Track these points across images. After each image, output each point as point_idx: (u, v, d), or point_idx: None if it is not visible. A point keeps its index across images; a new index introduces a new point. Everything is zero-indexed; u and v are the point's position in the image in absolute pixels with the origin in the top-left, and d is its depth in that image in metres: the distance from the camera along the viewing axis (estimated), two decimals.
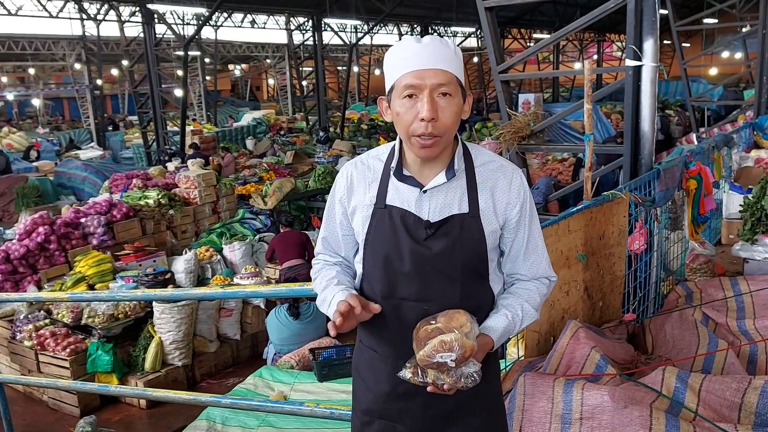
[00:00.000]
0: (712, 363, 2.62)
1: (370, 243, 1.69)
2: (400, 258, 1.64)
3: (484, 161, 1.69)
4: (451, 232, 1.63)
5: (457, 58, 1.60)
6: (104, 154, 19.26)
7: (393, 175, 1.67)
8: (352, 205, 1.72)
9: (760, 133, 7.63)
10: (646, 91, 4.24)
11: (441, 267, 1.63)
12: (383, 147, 1.77)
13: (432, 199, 1.64)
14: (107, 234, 7.68)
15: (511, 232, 1.70)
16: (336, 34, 22.05)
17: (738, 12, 12.77)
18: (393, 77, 1.59)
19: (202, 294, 3.39)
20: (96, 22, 19.14)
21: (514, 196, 1.67)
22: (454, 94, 1.57)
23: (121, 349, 6.09)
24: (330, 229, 1.82)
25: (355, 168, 1.75)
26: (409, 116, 1.55)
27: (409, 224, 1.64)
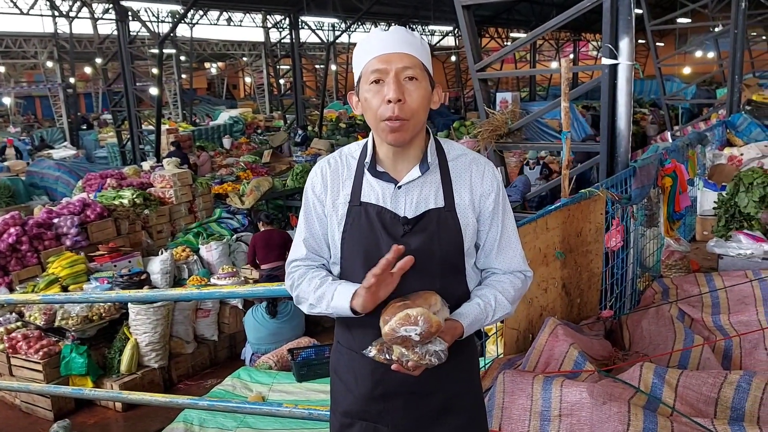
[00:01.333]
0: (689, 358, 2.65)
1: (347, 241, 1.66)
2: (378, 255, 1.59)
3: (456, 155, 1.70)
4: (428, 228, 1.62)
5: (423, 47, 1.61)
6: (78, 153, 18.93)
7: (367, 171, 1.66)
8: (329, 203, 1.70)
9: (733, 131, 7.75)
10: (622, 89, 4.27)
11: (419, 263, 1.59)
12: (356, 144, 1.76)
13: (407, 195, 1.64)
14: (81, 234, 7.55)
15: (485, 224, 1.70)
16: (313, 32, 21.96)
17: (710, 12, 12.96)
18: (360, 66, 1.60)
19: (179, 295, 3.34)
20: (68, 20, 18.84)
21: (488, 187, 1.68)
22: (420, 79, 1.57)
23: (96, 351, 6.00)
24: (311, 230, 1.75)
25: (328, 165, 1.73)
26: (376, 100, 1.55)
27: (385, 221, 1.63)
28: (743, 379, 2.04)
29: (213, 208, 9.69)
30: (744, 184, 4.06)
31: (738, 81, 8.68)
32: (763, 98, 9.53)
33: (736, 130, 7.71)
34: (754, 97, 9.66)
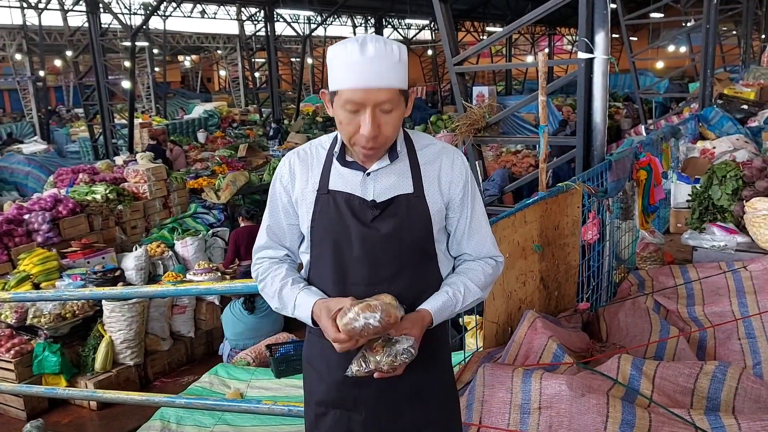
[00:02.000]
0: (665, 349, 2.68)
1: (316, 230, 1.69)
2: (348, 242, 1.65)
3: (425, 144, 1.73)
4: (397, 213, 1.65)
5: (402, 65, 1.59)
6: (49, 147, 18.59)
7: (336, 160, 1.68)
8: (296, 193, 1.72)
9: (705, 125, 7.86)
10: (597, 83, 4.31)
11: (390, 248, 1.65)
12: (325, 136, 1.78)
13: (377, 181, 1.66)
14: (53, 231, 7.40)
15: (455, 212, 1.73)
16: (289, 25, 21.78)
17: (683, 7, 13.13)
18: (336, 83, 1.58)
19: (154, 292, 3.29)
20: (37, 11, 18.44)
21: (457, 174, 1.71)
22: (396, 107, 1.58)
23: (70, 349, 5.90)
24: (275, 218, 1.79)
25: (297, 156, 1.76)
26: (351, 128, 1.57)
27: (354, 207, 1.65)
28: (718, 369, 2.07)
29: (188, 203, 9.56)
30: (717, 177, 4.12)
31: (710, 75, 8.81)
32: (734, 92, 9.70)
33: (708, 124, 7.82)
34: (725, 91, 9.83)
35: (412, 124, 20.11)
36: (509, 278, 2.89)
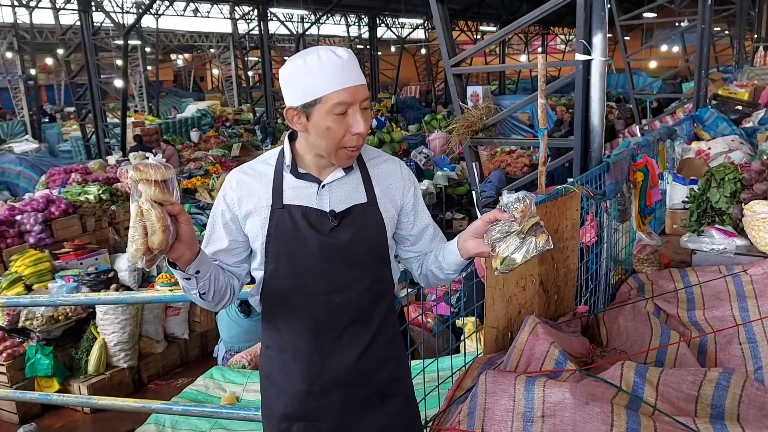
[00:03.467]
0: (665, 354, 2.66)
1: (272, 244, 1.69)
2: (307, 254, 1.67)
3: (372, 156, 1.80)
4: (354, 222, 1.70)
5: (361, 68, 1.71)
6: (40, 147, 18.46)
7: (289, 174, 1.70)
8: (244, 211, 1.71)
9: (700, 125, 7.87)
10: (595, 84, 4.28)
11: (349, 256, 1.69)
12: (268, 153, 1.80)
13: (332, 193, 1.71)
14: (45, 232, 7.33)
15: (409, 215, 1.83)
16: (282, 24, 21.70)
17: (676, 7, 13.16)
18: (316, 91, 1.59)
19: (150, 297, 3.25)
20: (29, 9, 18.29)
21: (407, 181, 1.82)
22: (368, 105, 1.66)
23: (63, 351, 5.85)
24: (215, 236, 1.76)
25: (243, 173, 1.75)
26: (340, 131, 1.60)
27: (312, 219, 1.68)
28: (722, 376, 2.06)
29: (182, 203, 9.50)
30: (716, 179, 4.11)
31: (705, 76, 8.82)
32: (728, 93, 9.72)
33: (703, 125, 7.83)
34: (719, 92, 9.85)
35: (407, 123, 20.09)
36: (509, 283, 2.86)
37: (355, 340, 1.73)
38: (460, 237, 1.70)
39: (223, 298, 1.74)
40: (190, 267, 1.56)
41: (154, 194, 1.40)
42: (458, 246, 1.71)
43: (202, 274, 1.61)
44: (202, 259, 1.59)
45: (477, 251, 1.65)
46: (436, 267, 1.80)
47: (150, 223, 1.39)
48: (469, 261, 1.73)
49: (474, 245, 1.65)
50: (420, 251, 1.88)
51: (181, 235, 1.49)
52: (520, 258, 1.55)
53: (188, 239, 1.51)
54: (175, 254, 1.51)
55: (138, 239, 1.40)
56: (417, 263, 1.89)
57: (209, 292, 1.66)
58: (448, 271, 1.77)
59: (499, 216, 1.57)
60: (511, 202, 1.54)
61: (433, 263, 1.82)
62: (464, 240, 1.68)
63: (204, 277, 1.62)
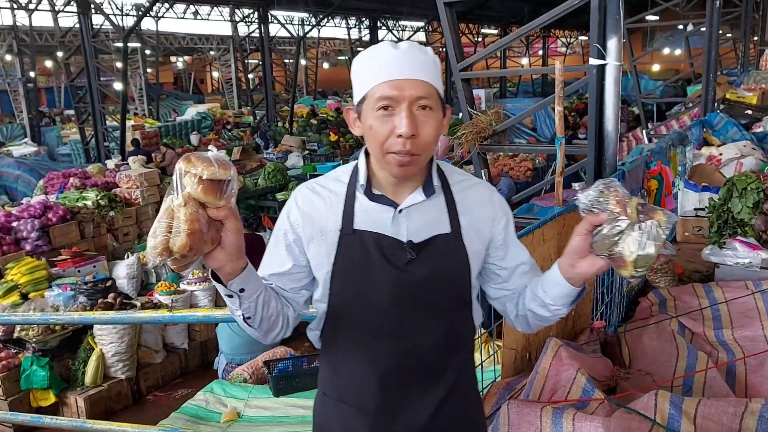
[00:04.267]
0: (693, 377, 2.52)
1: (338, 274, 1.48)
2: (377, 289, 1.45)
3: (458, 179, 1.56)
4: (434, 255, 1.46)
5: (437, 68, 1.45)
6: (39, 150, 18.33)
7: (363, 195, 1.48)
8: (309, 234, 1.50)
9: (710, 130, 7.73)
10: (609, 90, 4.13)
11: (425, 296, 1.46)
12: (341, 168, 1.58)
13: (410, 219, 1.47)
14: (42, 239, 7.18)
15: (498, 250, 1.56)
16: (283, 26, 21.57)
17: (681, 10, 13.02)
18: (365, 86, 1.41)
19: (149, 318, 3.09)
20: (28, 12, 18.15)
21: (498, 210, 1.55)
22: (434, 108, 1.41)
23: (59, 362, 5.71)
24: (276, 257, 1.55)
25: (311, 191, 1.54)
26: (384, 131, 1.38)
27: (385, 249, 1.45)
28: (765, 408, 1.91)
29: None
30: (737, 189, 3.96)
31: (713, 79, 8.69)
32: (736, 96, 9.58)
33: (713, 130, 7.69)
34: (727, 96, 9.71)
35: None
36: None
37: (428, 397, 1.50)
38: (561, 264, 1.43)
39: (273, 327, 1.50)
40: (232, 282, 1.35)
41: (196, 192, 1.22)
42: (563, 274, 1.42)
43: (248, 295, 1.39)
44: (248, 276, 1.38)
45: (595, 269, 1.36)
46: (538, 305, 1.51)
47: (176, 222, 1.21)
48: (582, 289, 1.45)
49: (587, 265, 1.37)
50: (514, 289, 1.60)
51: (225, 244, 1.29)
52: (653, 248, 1.26)
53: (232, 250, 1.29)
54: (215, 263, 1.30)
55: (159, 235, 1.21)
56: (511, 303, 1.61)
57: (255, 317, 1.43)
58: (556, 306, 1.48)
59: (596, 221, 1.31)
60: (596, 199, 1.29)
61: (532, 301, 1.53)
62: (569, 265, 1.40)
63: (250, 299, 1.40)
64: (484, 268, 1.58)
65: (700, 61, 10.44)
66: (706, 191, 5.76)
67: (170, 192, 1.25)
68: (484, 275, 1.60)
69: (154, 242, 1.21)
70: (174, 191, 1.24)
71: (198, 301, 6.66)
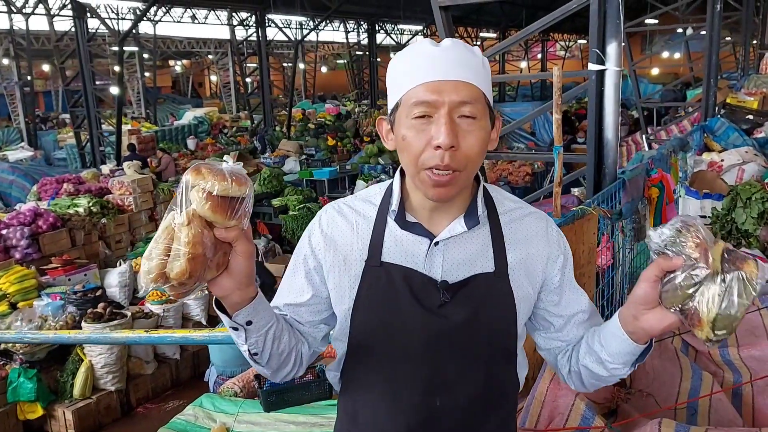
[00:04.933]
0: (698, 400, 2.40)
1: (361, 312, 1.28)
2: (405, 332, 1.25)
3: (509, 207, 1.33)
4: (473, 298, 1.25)
5: (485, 71, 1.23)
6: (35, 154, 18.23)
7: (394, 222, 1.28)
8: (331, 261, 1.31)
9: (711, 136, 7.62)
10: (609, 96, 4.02)
11: (461, 345, 1.25)
12: (374, 188, 1.37)
13: (447, 254, 1.26)
14: (32, 246, 7.07)
15: (552, 294, 1.33)
16: (280, 30, 21.49)
17: (681, 14, 12.93)
18: (399, 91, 1.21)
19: (125, 338, 2.97)
20: (24, 16, 18.07)
21: (555, 247, 1.32)
22: (480, 117, 1.18)
23: (47, 374, 5.59)
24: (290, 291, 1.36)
25: (338, 213, 1.34)
26: (419, 142, 1.17)
27: (416, 287, 1.25)
28: None
29: None
30: (741, 199, 3.85)
31: (713, 84, 8.58)
32: (737, 101, 9.48)
33: (714, 135, 7.58)
34: (728, 100, 9.60)
35: None
36: None
37: None
38: (623, 315, 1.19)
39: (283, 365, 1.31)
40: (239, 314, 1.17)
41: (203, 209, 1.04)
42: (625, 327, 1.19)
43: (256, 328, 1.20)
44: (257, 307, 1.19)
45: (663, 325, 1.12)
46: (594, 360, 1.28)
47: (176, 244, 1.03)
48: (647, 346, 1.21)
49: (655, 320, 1.12)
50: (569, 341, 1.37)
51: (233, 270, 1.11)
52: (737, 309, 1.02)
53: (241, 277, 1.12)
54: (220, 291, 1.13)
55: (154, 258, 1.03)
56: (565, 357, 1.38)
57: (264, 353, 1.24)
58: (615, 365, 1.24)
59: (669, 266, 1.06)
60: (671, 239, 1.05)
61: (587, 355, 1.30)
62: (633, 318, 1.16)
63: (258, 332, 1.21)
64: (534, 314, 1.37)
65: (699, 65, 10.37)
66: (708, 198, 5.64)
67: (173, 207, 1.07)
68: (533, 322, 1.39)
69: (148, 266, 1.04)
70: (177, 207, 1.06)
71: (191, 311, 6.55)
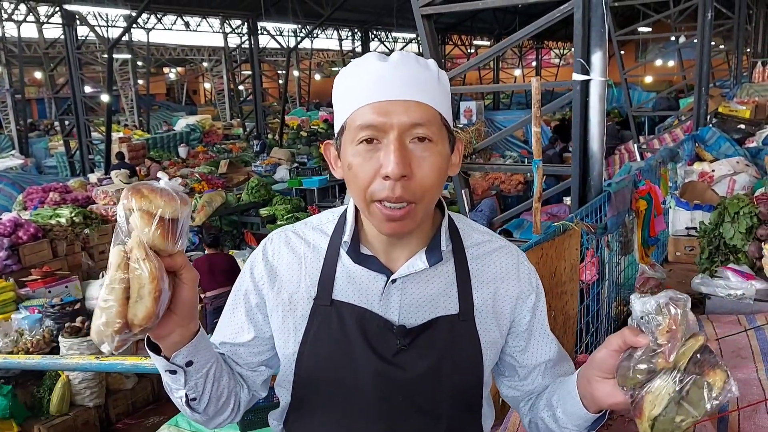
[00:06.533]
0: None
1: (307, 358, 1.13)
2: (355, 383, 1.10)
3: (476, 240, 1.19)
4: (435, 344, 1.10)
5: (442, 88, 1.08)
6: (26, 162, 18.08)
7: (346, 255, 1.14)
8: (275, 299, 1.16)
9: (702, 145, 7.55)
10: (594, 106, 3.92)
11: (420, 398, 1.11)
12: (327, 214, 1.22)
13: (405, 293, 1.12)
14: (11, 258, 6.94)
15: (519, 338, 1.20)
16: (273, 38, 21.43)
17: (673, 22, 12.91)
18: (344, 112, 1.06)
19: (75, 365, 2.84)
20: (16, 24, 17.98)
21: (526, 285, 1.19)
22: (436, 140, 1.04)
23: (24, 390, 5.47)
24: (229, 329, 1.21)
25: (285, 243, 1.19)
26: (366, 171, 1.02)
27: (369, 331, 1.10)
28: None
29: None
30: (729, 213, 3.74)
31: (705, 93, 8.51)
32: (729, 110, 9.41)
33: (705, 144, 7.50)
34: (720, 109, 9.54)
35: None
36: None
37: None
38: (580, 375, 1.06)
39: (221, 411, 1.16)
40: (178, 354, 1.02)
41: (151, 236, 0.89)
42: (579, 389, 1.05)
43: (196, 369, 1.05)
44: (198, 344, 1.04)
45: (612, 402, 0.97)
46: (549, 416, 1.15)
47: (138, 284, 0.87)
48: (600, 415, 1.06)
49: (606, 392, 0.98)
50: (532, 390, 1.24)
51: (178, 303, 0.96)
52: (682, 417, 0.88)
53: (186, 311, 0.98)
54: (162, 331, 0.98)
55: (113, 306, 0.87)
56: (527, 405, 1.26)
57: (203, 397, 1.10)
58: (567, 427, 1.11)
59: (632, 341, 0.92)
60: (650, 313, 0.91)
61: (545, 409, 1.17)
62: (587, 381, 1.02)
63: (199, 373, 1.06)
64: (500, 359, 1.23)
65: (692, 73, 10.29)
66: (698, 209, 5.56)
67: (117, 241, 0.91)
68: (498, 366, 1.25)
69: (107, 317, 0.87)
70: (119, 241, 0.91)
71: None
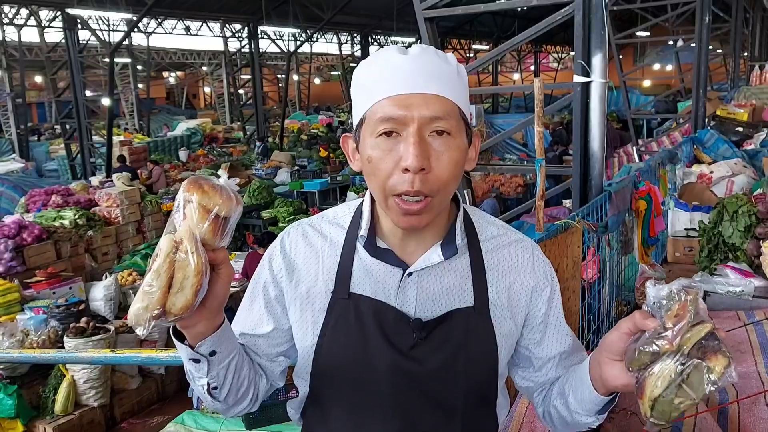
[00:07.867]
0: (683, 420, 2.34)
1: (325, 350, 1.15)
2: (372, 376, 1.12)
3: (491, 234, 1.20)
4: (451, 337, 1.12)
5: (461, 82, 1.09)
6: (27, 166, 18.13)
7: (362, 248, 1.15)
8: (293, 292, 1.18)
9: (700, 147, 7.62)
10: (595, 108, 3.99)
11: (436, 391, 1.12)
12: (343, 207, 1.24)
13: (421, 286, 1.13)
14: (16, 259, 6.99)
15: (534, 331, 1.21)
16: (273, 42, 21.53)
17: (671, 26, 12.99)
18: (364, 105, 1.07)
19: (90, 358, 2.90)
20: (17, 28, 18.05)
21: (541, 278, 1.20)
22: (455, 133, 1.05)
23: (29, 390, 5.50)
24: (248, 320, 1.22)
25: (302, 236, 1.20)
26: (385, 165, 1.03)
27: (386, 324, 1.11)
28: None
29: (164, 227, 9.19)
30: (728, 212, 3.81)
31: (702, 96, 8.59)
32: (727, 113, 9.49)
33: (703, 147, 7.58)
34: (718, 112, 9.62)
35: None
36: None
37: None
38: (592, 359, 1.08)
39: (240, 400, 1.18)
40: (203, 344, 1.04)
41: (202, 230, 0.93)
42: (591, 372, 1.08)
43: (220, 359, 1.07)
44: (223, 334, 1.06)
45: (620, 383, 1.00)
46: (562, 404, 1.17)
47: (182, 275, 0.91)
48: (611, 397, 1.08)
49: (614, 374, 1.01)
50: (547, 381, 1.25)
51: (210, 297, 0.99)
52: (681, 399, 0.91)
53: (216, 305, 1.01)
54: (190, 321, 1.00)
55: (155, 292, 0.90)
56: (541, 395, 1.27)
57: (224, 386, 1.11)
58: (578, 412, 1.13)
59: (641, 324, 0.95)
60: (662, 299, 0.94)
61: (558, 397, 1.19)
62: (598, 363, 1.05)
63: (221, 363, 1.08)
64: (516, 351, 1.24)
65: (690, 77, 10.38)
66: (697, 211, 5.62)
67: (170, 229, 0.95)
68: (513, 358, 1.26)
69: (148, 302, 0.90)
70: (170, 230, 0.95)
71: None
